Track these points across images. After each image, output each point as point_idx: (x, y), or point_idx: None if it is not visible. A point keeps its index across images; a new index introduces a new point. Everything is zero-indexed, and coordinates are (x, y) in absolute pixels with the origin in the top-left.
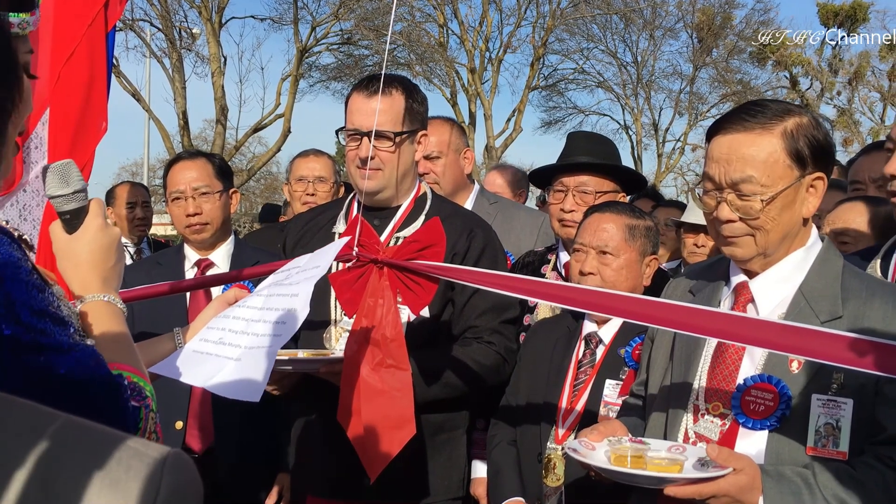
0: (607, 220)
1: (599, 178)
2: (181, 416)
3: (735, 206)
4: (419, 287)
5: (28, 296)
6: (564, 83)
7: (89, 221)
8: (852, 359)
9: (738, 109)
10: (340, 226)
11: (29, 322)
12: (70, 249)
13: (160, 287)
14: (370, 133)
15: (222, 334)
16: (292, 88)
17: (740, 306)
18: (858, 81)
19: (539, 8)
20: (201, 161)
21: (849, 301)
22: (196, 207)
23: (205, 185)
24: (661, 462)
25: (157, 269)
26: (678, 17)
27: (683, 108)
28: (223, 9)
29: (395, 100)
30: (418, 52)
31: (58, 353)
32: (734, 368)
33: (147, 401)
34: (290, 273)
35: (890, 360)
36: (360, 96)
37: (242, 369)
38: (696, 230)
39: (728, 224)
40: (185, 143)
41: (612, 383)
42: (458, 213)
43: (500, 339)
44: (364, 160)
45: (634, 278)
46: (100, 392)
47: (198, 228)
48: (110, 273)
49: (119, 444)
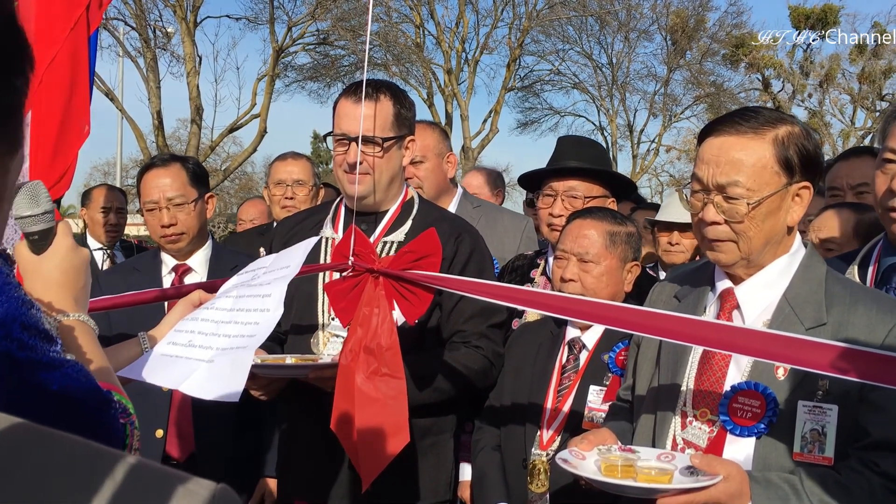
0: (588, 226)
1: (589, 183)
2: (161, 424)
3: (721, 209)
4: (415, 297)
5: (19, 311)
6: (540, 84)
7: (59, 241)
8: (836, 367)
9: (733, 114)
10: (328, 230)
11: (20, 338)
12: (40, 269)
13: (138, 296)
14: (358, 138)
15: (191, 336)
16: (268, 88)
17: (726, 312)
18: (829, 84)
19: (515, 9)
20: (175, 168)
21: (833, 308)
22: (171, 218)
23: (179, 194)
24: (650, 472)
25: (134, 276)
26: (652, 19)
27: (658, 110)
28: (198, 8)
29: (383, 105)
30: (395, 52)
31: (49, 369)
32: (721, 375)
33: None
34: (257, 273)
35: (873, 368)
36: (349, 102)
37: (218, 370)
38: (670, 228)
39: (713, 226)
40: (160, 142)
41: (595, 389)
42: (446, 217)
43: (487, 343)
44: (352, 165)
45: (615, 285)
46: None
47: (173, 239)
48: (81, 293)
49: (173, 483)
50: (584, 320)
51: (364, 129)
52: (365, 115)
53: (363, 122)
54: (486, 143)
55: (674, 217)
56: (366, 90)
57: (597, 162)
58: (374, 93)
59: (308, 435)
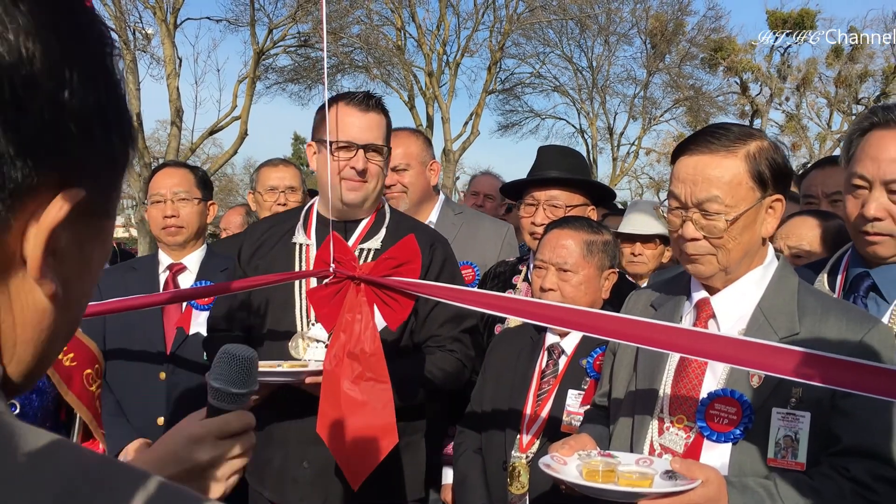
0: (566, 236)
1: (569, 193)
2: (161, 412)
3: (700, 225)
4: (396, 303)
5: None
6: (521, 87)
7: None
8: (806, 373)
9: (702, 132)
10: (300, 236)
11: None
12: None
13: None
14: (366, 147)
15: None
16: (249, 90)
17: (702, 322)
18: (806, 87)
19: (496, 12)
20: (185, 170)
21: (805, 318)
22: (174, 210)
23: (184, 190)
24: (631, 476)
25: (131, 274)
26: (632, 23)
27: (637, 113)
28: (178, 10)
29: (382, 116)
30: (376, 55)
31: None
32: (697, 382)
33: None
34: None
35: (841, 374)
36: (355, 110)
37: None
38: (633, 240)
39: (692, 242)
40: (139, 144)
41: (574, 393)
42: (418, 227)
43: (460, 346)
44: (360, 172)
45: (593, 293)
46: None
47: (173, 231)
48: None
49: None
50: (563, 327)
51: (370, 137)
52: (371, 124)
53: (368, 131)
54: (467, 146)
55: (636, 229)
56: (365, 101)
57: (577, 171)
58: (375, 103)
59: (281, 437)
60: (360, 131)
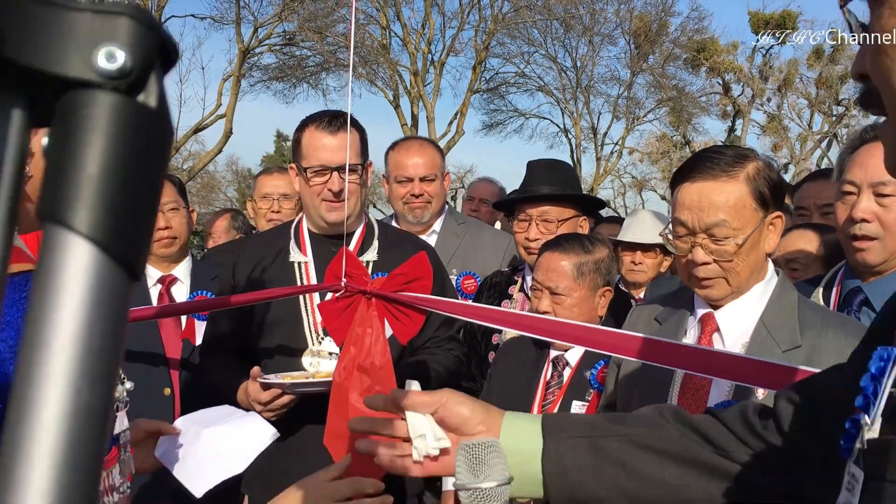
0: (557, 259)
1: (560, 207)
2: (167, 383)
3: (709, 250)
4: (407, 318)
5: None
6: (506, 87)
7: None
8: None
9: (698, 158)
10: (296, 255)
11: None
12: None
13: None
14: (340, 168)
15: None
16: (234, 89)
17: (707, 336)
18: (787, 88)
19: (481, 12)
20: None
21: (805, 331)
22: (167, 221)
23: (172, 200)
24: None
25: None
26: (616, 23)
27: (621, 113)
28: (163, 7)
29: (353, 134)
30: (361, 54)
31: None
32: (703, 394)
33: None
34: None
35: None
36: (324, 133)
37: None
38: (633, 248)
39: (703, 266)
40: None
41: (578, 404)
42: (406, 237)
43: (456, 344)
44: (337, 193)
45: (588, 312)
46: None
47: (167, 242)
48: None
49: None
50: (567, 342)
51: (342, 158)
52: (342, 144)
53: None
54: (451, 145)
55: (637, 237)
56: (333, 122)
57: (567, 184)
58: (343, 123)
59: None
60: (332, 153)
